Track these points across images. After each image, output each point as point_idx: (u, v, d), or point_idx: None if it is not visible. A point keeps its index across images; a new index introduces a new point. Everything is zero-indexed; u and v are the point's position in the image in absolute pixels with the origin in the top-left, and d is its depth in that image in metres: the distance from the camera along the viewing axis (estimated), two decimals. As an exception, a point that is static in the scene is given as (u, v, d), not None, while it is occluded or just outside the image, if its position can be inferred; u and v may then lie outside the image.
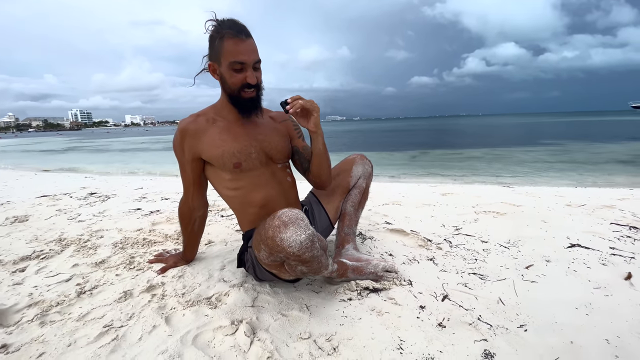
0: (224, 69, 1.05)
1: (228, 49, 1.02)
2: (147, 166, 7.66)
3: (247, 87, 1.06)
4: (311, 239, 0.89)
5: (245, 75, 1.04)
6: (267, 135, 1.19)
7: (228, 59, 1.02)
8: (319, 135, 1.12)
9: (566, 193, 2.57)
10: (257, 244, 0.97)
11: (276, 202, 1.18)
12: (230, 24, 1.02)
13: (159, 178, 4.33)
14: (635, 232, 1.63)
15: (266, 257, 0.95)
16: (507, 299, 1.10)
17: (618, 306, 1.04)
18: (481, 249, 1.50)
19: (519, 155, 8.22)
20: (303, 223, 0.89)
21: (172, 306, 1.10)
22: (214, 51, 1.06)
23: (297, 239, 0.87)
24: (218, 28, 1.03)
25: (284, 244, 0.87)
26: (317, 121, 1.07)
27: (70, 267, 1.41)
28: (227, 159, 1.11)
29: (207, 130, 1.13)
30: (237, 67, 1.03)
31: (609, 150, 8.73)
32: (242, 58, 1.02)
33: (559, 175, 5.06)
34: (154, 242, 1.69)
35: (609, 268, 1.28)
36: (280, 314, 1.04)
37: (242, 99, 1.08)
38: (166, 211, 2.32)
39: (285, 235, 0.87)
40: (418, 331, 0.95)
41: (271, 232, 0.89)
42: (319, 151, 1.15)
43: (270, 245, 0.90)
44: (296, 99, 1.04)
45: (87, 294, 1.19)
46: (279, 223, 0.89)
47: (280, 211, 0.92)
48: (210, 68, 1.09)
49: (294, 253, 0.88)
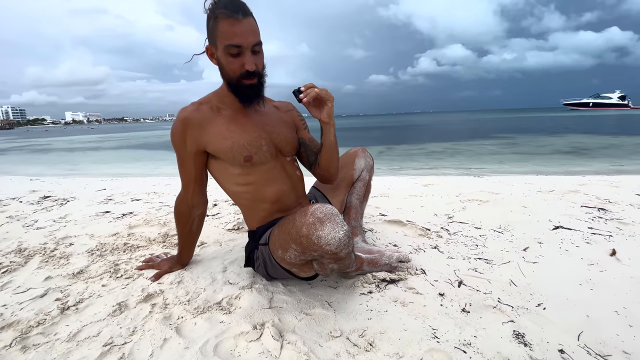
0: (220, 53, 0.95)
1: (223, 31, 0.91)
2: (102, 166, 7.01)
3: (246, 75, 0.95)
4: (348, 235, 0.84)
5: (242, 60, 0.94)
6: (275, 126, 1.12)
7: (223, 41, 0.92)
8: (331, 126, 1.05)
9: (533, 181, 2.78)
10: (283, 243, 0.90)
11: (288, 197, 1.12)
12: (226, 2, 0.91)
13: (121, 178, 3.96)
14: (604, 213, 1.79)
15: (295, 257, 0.89)
16: (517, 280, 1.14)
17: (614, 280, 1.13)
18: (478, 235, 1.56)
19: (475, 148, 8.80)
20: (339, 218, 0.84)
21: (180, 315, 0.99)
22: (209, 33, 0.96)
23: (335, 236, 0.81)
24: (213, 7, 0.92)
25: (321, 242, 0.81)
26: (331, 112, 1.01)
27: (43, 281, 1.22)
28: (237, 152, 1.02)
29: (213, 120, 1.03)
30: (233, 51, 0.92)
31: (551, 142, 9.68)
32: (238, 41, 0.91)
33: (515, 165, 5.48)
34: (137, 247, 1.52)
35: (593, 246, 1.39)
36: (303, 313, 0.99)
37: (242, 87, 0.98)
38: (141, 213, 2.11)
39: (322, 232, 0.81)
40: (446, 318, 0.95)
41: (305, 229, 0.83)
42: (331, 143, 1.09)
43: (303, 244, 0.84)
44: (310, 87, 0.97)
45: (73, 310, 1.03)
46: (314, 220, 0.82)
47: (312, 207, 0.86)
48: (208, 52, 0.99)
49: (331, 251, 0.82)
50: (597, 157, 6.29)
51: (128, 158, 8.94)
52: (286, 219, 0.93)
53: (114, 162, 8.08)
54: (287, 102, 1.24)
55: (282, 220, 0.96)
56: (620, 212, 1.81)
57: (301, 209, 0.89)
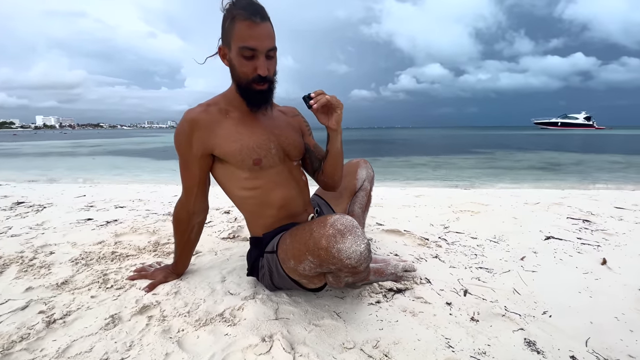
0: (233, 55, 0.93)
1: (239, 32, 0.90)
2: (78, 172, 6.67)
3: (258, 79, 0.94)
4: (369, 249, 0.81)
5: (255, 64, 0.93)
6: (283, 129, 1.10)
7: (238, 43, 0.90)
8: (338, 134, 1.05)
9: (519, 193, 2.88)
10: (297, 254, 0.86)
11: (295, 202, 1.09)
12: (245, 4, 0.90)
13: (102, 184, 3.78)
14: (589, 224, 1.87)
15: (310, 269, 0.85)
16: (520, 288, 1.15)
17: (609, 288, 1.16)
18: (475, 244, 1.58)
19: (457, 162, 9.07)
20: (359, 231, 0.81)
21: (180, 328, 0.93)
22: (224, 33, 0.95)
23: (356, 250, 0.78)
24: (231, 7, 0.91)
25: (342, 255, 0.78)
26: (340, 119, 1.00)
27: (23, 292, 1.12)
28: (247, 155, 0.99)
29: (221, 122, 1.00)
30: (247, 53, 0.91)
31: (526, 158, 10.13)
32: (253, 44, 0.90)
33: (496, 179, 5.67)
34: (126, 256, 1.44)
35: (585, 256, 1.44)
36: (312, 324, 0.95)
37: (252, 91, 0.97)
38: (127, 220, 2.01)
39: (343, 245, 0.78)
40: (457, 327, 0.94)
41: (325, 241, 0.79)
42: (337, 151, 1.09)
43: (322, 257, 0.80)
44: (320, 93, 0.96)
45: (60, 323, 0.94)
46: (334, 232, 0.79)
47: (331, 217, 0.82)
48: (220, 52, 0.97)
49: (352, 265, 0.79)
50: (570, 173, 6.63)
51: (105, 165, 8.58)
52: (300, 229, 0.89)
53: (90, 169, 7.71)
54: (293, 108, 1.23)
55: (295, 230, 0.92)
56: (604, 223, 1.89)
57: (318, 218, 0.85)
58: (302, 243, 0.85)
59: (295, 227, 0.95)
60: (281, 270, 0.98)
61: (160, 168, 7.75)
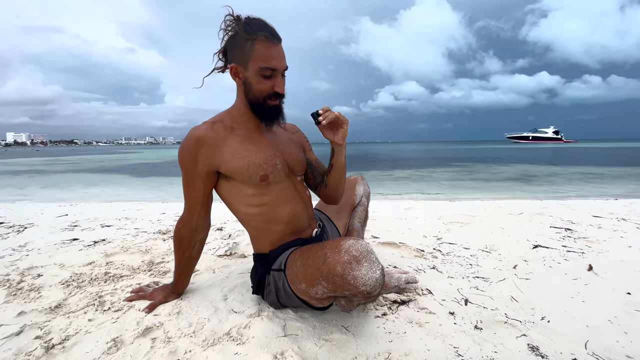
0: (250, 74, 0.96)
1: (259, 53, 0.93)
2: (53, 191, 6.37)
3: (274, 96, 0.99)
4: (384, 274, 0.81)
5: (273, 83, 0.97)
6: (287, 145, 1.12)
7: (258, 63, 0.94)
8: (343, 148, 1.08)
9: (501, 204, 3.00)
10: (310, 278, 0.86)
11: (301, 217, 1.11)
12: (261, 25, 0.93)
13: (84, 203, 3.63)
14: (571, 233, 1.97)
15: (323, 293, 0.85)
16: (517, 296, 1.20)
17: (599, 292, 1.23)
18: (469, 254, 1.63)
19: (438, 175, 9.33)
20: (374, 256, 0.81)
21: (188, 349, 0.91)
22: (239, 53, 0.96)
23: (372, 277, 0.78)
24: (248, 28, 0.93)
25: (357, 283, 0.77)
26: (346, 134, 1.04)
27: (15, 317, 1.06)
28: (254, 171, 1.00)
29: (227, 139, 1.01)
30: (267, 73, 0.95)
31: (502, 170, 10.57)
32: (274, 64, 0.94)
33: (477, 191, 5.87)
34: (120, 277, 1.39)
35: (571, 263, 1.52)
36: (322, 339, 0.95)
37: (267, 107, 1.00)
38: (115, 240, 1.94)
39: (359, 273, 0.77)
40: (464, 336, 0.97)
41: (340, 268, 0.78)
42: (342, 164, 1.12)
43: (337, 283, 0.79)
44: (327, 110, 0.99)
45: (59, 349, 0.90)
46: (350, 258, 0.78)
47: (345, 243, 0.82)
48: (232, 70, 0.99)
49: (367, 291, 0.79)
50: (544, 184, 6.96)
51: (82, 182, 8.24)
52: (312, 252, 0.89)
53: (65, 186, 7.39)
54: (293, 124, 1.26)
55: (307, 252, 0.92)
56: (584, 231, 2.00)
57: (331, 243, 0.85)
58: (315, 268, 0.84)
59: (305, 248, 0.95)
60: (289, 289, 0.98)
61: (143, 185, 7.53)
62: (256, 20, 0.96)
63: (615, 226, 2.11)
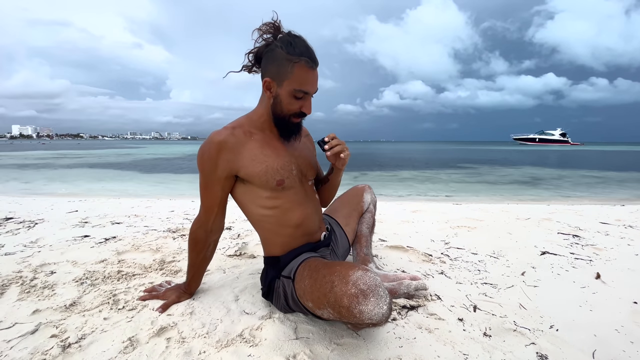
0: (283, 92, 0.99)
1: (298, 76, 0.96)
2: (60, 185, 6.45)
3: (299, 115, 1.03)
4: (391, 307, 0.80)
5: (303, 104, 1.01)
6: (301, 151, 1.16)
7: (294, 85, 0.97)
8: (342, 172, 1.21)
9: (509, 209, 2.99)
10: (317, 301, 0.86)
11: (311, 221, 1.13)
12: (304, 49, 0.96)
13: (93, 199, 3.67)
14: (579, 240, 1.97)
15: (329, 316, 0.85)
16: (525, 303, 1.21)
17: (606, 301, 1.23)
18: (476, 260, 1.63)
19: (444, 176, 9.30)
20: (382, 290, 0.79)
21: (202, 350, 0.93)
22: (277, 69, 0.98)
23: (379, 312, 0.76)
24: (291, 49, 0.95)
25: (364, 317, 0.76)
26: (346, 162, 1.12)
27: (30, 315, 1.09)
28: (271, 176, 1.02)
29: (246, 144, 1.03)
30: (299, 95, 0.99)
31: (508, 173, 10.49)
32: (309, 88, 0.99)
33: (483, 193, 5.85)
34: (132, 275, 1.41)
35: (579, 270, 1.52)
36: (334, 343, 0.96)
37: (290, 123, 1.05)
38: (126, 237, 1.97)
39: (366, 307, 0.76)
40: (473, 343, 0.97)
41: (346, 301, 0.77)
42: (337, 183, 1.26)
43: (343, 314, 0.79)
44: (332, 137, 1.06)
45: (76, 347, 0.92)
46: (357, 292, 0.77)
47: (353, 274, 0.80)
48: (266, 84, 1.01)
49: (373, 324, 0.79)
50: (551, 188, 6.91)
51: (88, 177, 8.33)
52: (320, 273, 0.88)
53: (72, 181, 7.47)
54: (304, 127, 1.28)
55: (315, 272, 0.91)
56: (592, 238, 2.00)
57: (339, 268, 0.83)
58: (322, 293, 0.84)
59: (314, 264, 0.96)
60: (297, 300, 0.99)
61: (150, 181, 7.60)
62: (299, 40, 0.98)
63: (622, 233, 2.10)
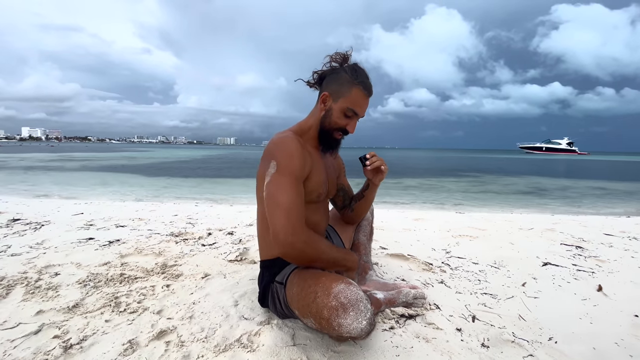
0: (336, 107, 1.06)
1: (353, 97, 1.04)
2: (67, 188, 6.53)
3: (342, 131, 1.09)
4: (371, 323, 0.80)
5: (349, 122, 1.07)
6: (332, 170, 1.24)
7: (347, 104, 1.05)
8: (377, 187, 1.28)
9: (512, 218, 2.98)
10: (302, 310, 0.89)
11: (319, 231, 1.17)
12: (364, 78, 1.06)
13: (98, 202, 3.72)
14: (582, 251, 1.96)
15: (312, 326, 0.87)
16: (524, 315, 1.20)
17: (607, 314, 1.22)
18: (477, 270, 1.63)
19: (448, 185, 9.26)
20: (363, 305, 0.79)
21: (200, 354, 0.94)
22: (337, 87, 1.06)
23: (357, 327, 0.78)
24: (354, 74, 1.05)
25: (342, 330, 0.78)
26: (383, 178, 1.22)
27: (33, 315, 1.11)
28: (319, 188, 1.09)
29: (311, 153, 1.09)
30: (349, 113, 1.06)
31: (513, 182, 10.41)
32: (359, 110, 1.07)
33: (485, 203, 5.82)
34: (134, 278, 1.43)
35: (581, 282, 1.51)
36: (331, 350, 0.97)
37: (332, 137, 1.10)
38: (130, 241, 2.00)
39: (344, 321, 0.78)
40: (471, 354, 0.97)
41: (326, 313, 0.79)
42: (372, 198, 1.31)
43: (323, 325, 0.81)
44: (373, 155, 1.17)
45: (77, 349, 0.94)
46: (337, 304, 0.78)
47: (336, 287, 0.81)
48: (323, 97, 1.08)
49: (351, 337, 0.80)
50: (556, 199, 6.85)
51: (95, 181, 8.43)
52: (306, 283, 0.90)
53: (79, 184, 7.57)
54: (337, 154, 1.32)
55: (302, 281, 0.93)
56: (595, 250, 1.98)
57: (324, 280, 0.85)
58: (306, 303, 0.86)
59: (302, 273, 0.97)
60: (288, 305, 1.01)
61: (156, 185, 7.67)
62: (362, 71, 1.07)
63: (626, 245, 2.08)
